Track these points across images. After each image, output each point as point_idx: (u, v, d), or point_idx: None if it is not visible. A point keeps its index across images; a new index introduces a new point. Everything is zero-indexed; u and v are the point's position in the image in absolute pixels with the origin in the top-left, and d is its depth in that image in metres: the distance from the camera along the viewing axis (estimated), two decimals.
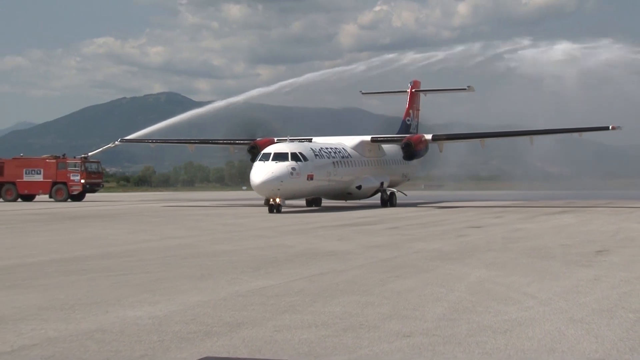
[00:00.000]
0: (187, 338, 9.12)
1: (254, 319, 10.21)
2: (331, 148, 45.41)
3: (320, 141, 47.98)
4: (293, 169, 39.13)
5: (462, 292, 12.52)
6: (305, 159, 40.47)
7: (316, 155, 42.41)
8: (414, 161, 52.28)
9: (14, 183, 58.03)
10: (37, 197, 59.30)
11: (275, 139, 45.70)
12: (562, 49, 56.80)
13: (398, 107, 59.82)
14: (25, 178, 57.98)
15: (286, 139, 45.95)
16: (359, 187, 46.70)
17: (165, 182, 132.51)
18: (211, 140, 56.68)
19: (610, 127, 45.73)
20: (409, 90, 59.33)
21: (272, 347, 8.66)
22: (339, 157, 45.21)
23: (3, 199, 57.76)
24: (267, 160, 39.04)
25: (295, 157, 39.86)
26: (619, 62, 56.29)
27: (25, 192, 58.28)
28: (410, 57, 61.04)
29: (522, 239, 22.89)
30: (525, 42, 60.11)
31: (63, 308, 11.16)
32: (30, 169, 58.22)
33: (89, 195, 60.58)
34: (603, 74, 60.28)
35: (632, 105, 62.72)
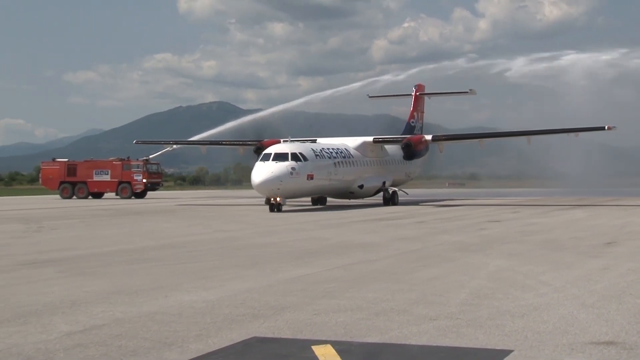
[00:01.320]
0: (236, 320, 9.15)
1: (295, 304, 10.22)
2: (333, 148, 41.82)
3: (324, 142, 44.19)
4: (293, 168, 35.81)
5: (482, 279, 12.43)
6: (305, 159, 37.04)
7: (317, 155, 38.85)
8: (417, 161, 48.94)
9: (85, 182, 58.77)
10: (105, 195, 59.95)
11: (282, 140, 41.79)
12: (572, 58, 55.48)
13: (427, 113, 58.27)
14: (95, 178, 58.72)
15: (287, 140, 42.38)
16: (361, 187, 43.01)
17: (217, 182, 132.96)
18: (221, 141, 54.12)
19: (606, 127, 42.16)
20: (413, 94, 55.57)
21: (312, 328, 8.66)
22: (340, 157, 41.47)
23: (76, 196, 58.47)
24: (268, 160, 35.84)
25: (295, 157, 36.51)
26: (629, 68, 54.77)
27: (95, 190, 58.98)
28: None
29: (537, 232, 22.65)
30: (539, 55, 58.69)
31: (128, 293, 11.28)
32: (99, 170, 58.95)
33: (150, 193, 61.05)
34: (612, 79, 58.83)
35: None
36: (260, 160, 36.21)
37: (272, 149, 37.14)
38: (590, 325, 8.76)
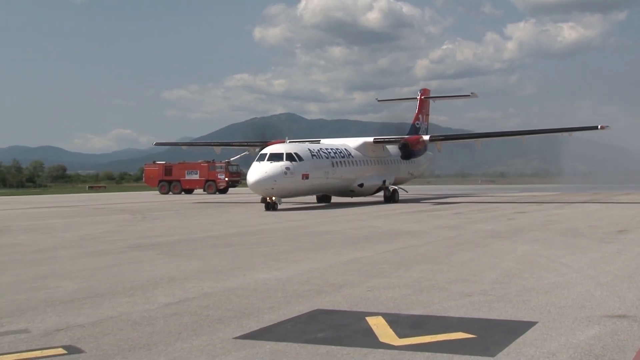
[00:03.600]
0: (303, 295, 9.19)
1: (352, 282, 10.21)
2: (332, 149, 36.56)
3: (327, 142, 39.50)
4: (287, 168, 31.04)
5: (511, 262, 12.23)
6: (300, 159, 32.10)
7: (313, 155, 33.70)
8: (421, 160, 44.03)
9: (179, 181, 59.87)
10: (195, 191, 60.86)
11: (287, 141, 36.87)
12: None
13: (461, 121, 56.51)
14: (187, 177, 59.76)
15: (295, 141, 37.93)
16: (361, 185, 37.77)
17: None
18: (231, 142, 49.53)
19: (599, 127, 36.67)
20: (418, 97, 49.43)
21: (366, 302, 8.64)
22: (339, 157, 36.14)
23: (172, 192, 59.53)
24: (263, 160, 31.17)
25: (290, 157, 31.66)
26: None
27: (187, 187, 59.99)
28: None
29: (558, 222, 22.14)
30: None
31: (214, 271, 11.43)
32: (190, 171, 59.97)
33: (231, 190, 61.75)
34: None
35: None
36: (257, 160, 31.71)
37: (268, 150, 32.55)
38: (605, 301, 8.54)
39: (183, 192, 59.60)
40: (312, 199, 39.58)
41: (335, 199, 39.91)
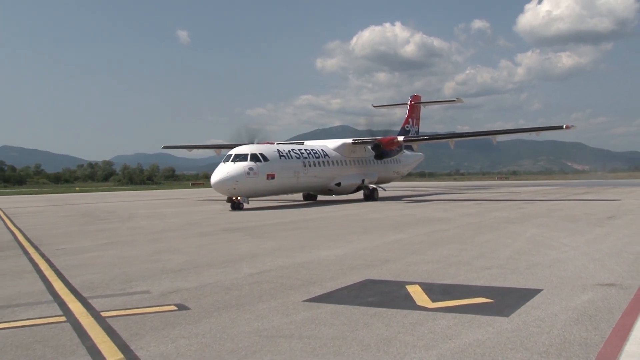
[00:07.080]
0: (356, 268, 9.21)
1: (394, 258, 10.17)
2: (305, 149, 30.22)
3: (309, 144, 33.27)
4: (250, 169, 25.38)
5: (522, 242, 11.93)
6: (265, 159, 26.35)
7: (281, 156, 27.67)
8: (407, 160, 38.28)
9: None
10: None
11: (275, 143, 31.19)
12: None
13: (485, 128, 54.19)
14: None
15: (282, 143, 32.54)
16: (338, 184, 31.36)
17: None
18: (230, 144, 39.90)
19: (564, 127, 29.36)
20: (409, 103, 43.01)
21: (406, 274, 8.61)
22: (312, 158, 29.80)
23: None
24: (228, 161, 25.65)
25: (255, 157, 25.98)
26: None
27: None
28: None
29: (560, 210, 21.41)
30: None
31: (286, 249, 11.56)
32: None
33: None
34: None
35: None
36: (223, 161, 25.98)
37: (234, 151, 26.76)
38: (597, 273, 8.28)
39: None
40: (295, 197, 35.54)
41: (320, 197, 34.53)
